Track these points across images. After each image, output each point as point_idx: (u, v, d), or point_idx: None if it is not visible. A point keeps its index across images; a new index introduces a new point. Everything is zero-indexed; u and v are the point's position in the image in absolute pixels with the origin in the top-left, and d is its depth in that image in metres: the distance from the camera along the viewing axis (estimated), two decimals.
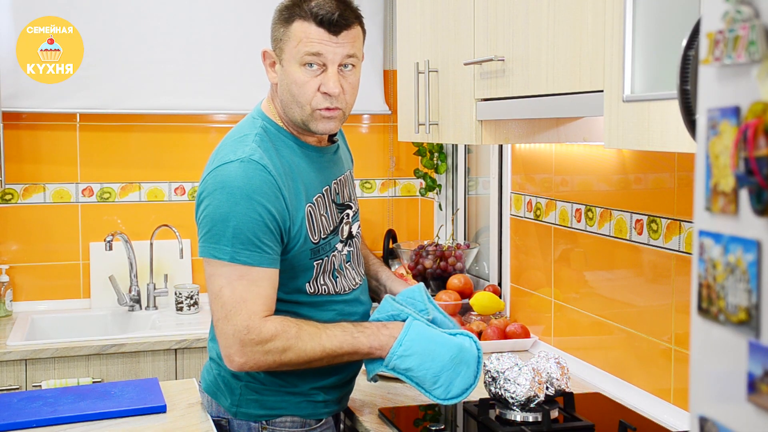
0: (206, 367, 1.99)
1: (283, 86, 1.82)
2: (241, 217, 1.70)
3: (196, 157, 3.53)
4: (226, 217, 1.71)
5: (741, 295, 0.81)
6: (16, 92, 3.23)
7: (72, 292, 3.43)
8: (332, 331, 1.77)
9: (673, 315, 2.05)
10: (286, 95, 1.82)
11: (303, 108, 1.81)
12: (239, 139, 1.81)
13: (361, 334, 1.79)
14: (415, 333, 1.79)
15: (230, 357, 1.73)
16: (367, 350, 1.78)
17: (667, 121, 1.38)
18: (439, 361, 1.78)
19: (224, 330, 1.72)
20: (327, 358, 1.76)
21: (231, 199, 1.71)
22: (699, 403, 0.90)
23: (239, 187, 1.71)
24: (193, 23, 3.41)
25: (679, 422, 2.00)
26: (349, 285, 1.92)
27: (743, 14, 0.80)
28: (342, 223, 1.92)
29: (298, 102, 1.80)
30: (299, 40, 1.77)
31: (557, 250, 2.57)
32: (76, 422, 1.90)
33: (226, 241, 1.71)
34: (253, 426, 1.88)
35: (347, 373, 1.95)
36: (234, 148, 1.78)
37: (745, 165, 0.79)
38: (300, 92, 1.79)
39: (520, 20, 1.94)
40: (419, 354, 1.78)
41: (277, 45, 1.82)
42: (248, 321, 1.70)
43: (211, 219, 1.73)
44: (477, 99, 2.16)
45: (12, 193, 3.36)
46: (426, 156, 3.51)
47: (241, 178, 1.72)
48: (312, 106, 1.80)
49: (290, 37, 1.78)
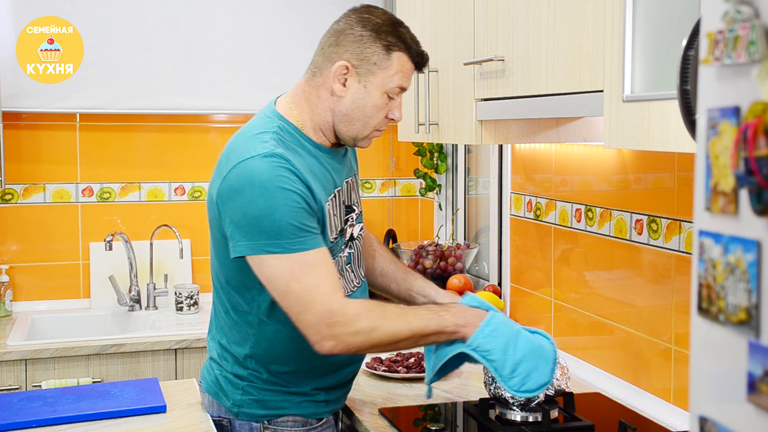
0: (206, 367, 1.99)
1: (354, 105, 1.81)
2: (281, 207, 1.68)
3: (196, 157, 3.53)
4: (267, 211, 1.68)
5: (741, 295, 0.81)
6: (16, 92, 3.23)
7: (72, 292, 3.43)
8: (418, 311, 1.77)
9: (673, 315, 2.05)
10: (354, 113, 1.81)
11: (366, 128, 1.83)
12: (255, 136, 1.78)
13: (447, 312, 1.76)
14: (500, 319, 1.76)
15: (320, 343, 1.69)
16: (453, 328, 1.74)
17: (667, 121, 1.38)
18: (520, 350, 1.73)
19: (308, 321, 1.69)
20: (414, 337, 1.73)
21: (265, 194, 1.68)
22: (699, 403, 0.90)
23: (269, 180, 1.69)
24: (192, 23, 3.41)
25: (679, 422, 2.00)
26: (349, 287, 1.92)
27: (743, 14, 0.80)
28: (346, 224, 1.92)
29: (366, 123, 1.82)
30: (396, 72, 1.80)
31: (557, 250, 2.57)
32: (76, 422, 1.89)
33: (276, 235, 1.68)
34: (254, 426, 1.88)
35: (348, 373, 1.96)
36: (252, 145, 1.75)
37: (745, 165, 0.79)
38: (374, 115, 1.82)
39: (520, 20, 1.94)
40: (504, 338, 1.73)
41: (365, 65, 1.79)
42: (328, 304, 1.68)
43: (251, 216, 1.69)
44: (477, 99, 2.16)
45: (12, 193, 3.36)
46: (426, 156, 3.51)
47: (267, 171, 1.69)
48: (374, 127, 1.84)
49: (388, 66, 1.79)
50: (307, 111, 1.84)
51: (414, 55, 1.82)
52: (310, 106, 1.84)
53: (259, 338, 1.84)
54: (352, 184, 1.97)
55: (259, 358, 1.86)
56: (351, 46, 1.79)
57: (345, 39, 1.80)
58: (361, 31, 1.79)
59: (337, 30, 1.82)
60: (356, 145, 1.88)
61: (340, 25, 1.82)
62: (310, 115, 1.84)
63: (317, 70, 1.84)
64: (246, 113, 3.54)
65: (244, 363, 1.87)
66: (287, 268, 1.69)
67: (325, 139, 1.86)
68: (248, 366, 1.87)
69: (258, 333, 1.84)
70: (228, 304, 1.87)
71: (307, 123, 1.84)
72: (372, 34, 1.78)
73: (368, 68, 1.79)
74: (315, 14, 3.52)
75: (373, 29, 1.79)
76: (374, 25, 1.79)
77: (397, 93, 1.83)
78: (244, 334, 1.86)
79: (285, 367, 1.85)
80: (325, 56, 1.83)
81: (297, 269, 1.69)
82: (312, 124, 1.84)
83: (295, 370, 1.86)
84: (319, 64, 1.84)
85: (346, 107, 1.81)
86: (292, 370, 1.86)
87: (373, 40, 1.78)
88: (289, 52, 3.50)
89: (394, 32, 1.80)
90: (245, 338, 1.86)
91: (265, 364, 1.86)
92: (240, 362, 1.88)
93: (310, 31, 3.52)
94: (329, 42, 1.82)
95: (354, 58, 1.79)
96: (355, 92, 1.80)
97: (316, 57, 1.86)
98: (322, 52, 1.84)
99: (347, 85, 1.80)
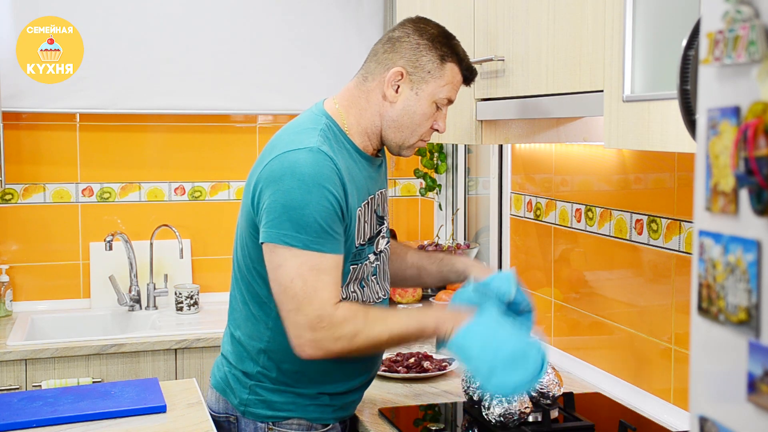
0: (217, 363, 2.00)
1: (405, 111, 1.83)
2: (315, 205, 1.69)
3: (196, 157, 3.53)
4: (300, 204, 1.69)
5: (741, 295, 0.81)
6: (16, 92, 3.23)
7: (72, 292, 3.43)
8: (398, 314, 1.79)
9: (673, 315, 2.05)
10: (403, 119, 1.84)
11: (413, 136, 1.86)
12: (304, 130, 1.80)
13: (426, 314, 1.78)
14: (484, 319, 1.73)
15: (301, 347, 1.72)
16: (434, 326, 1.74)
17: (667, 121, 1.38)
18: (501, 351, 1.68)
19: (296, 321, 1.71)
20: (395, 339, 1.75)
21: (303, 187, 1.70)
22: (699, 403, 0.90)
23: (310, 174, 1.70)
24: (192, 23, 3.41)
25: (679, 422, 2.00)
26: (372, 298, 1.92)
27: (743, 14, 0.80)
28: (378, 235, 1.93)
29: (414, 131, 1.85)
30: (447, 82, 1.83)
31: (557, 250, 2.57)
32: (76, 422, 1.89)
33: (301, 228, 1.69)
34: (259, 426, 1.89)
35: (359, 382, 1.95)
36: (299, 138, 1.77)
37: (745, 165, 0.79)
38: (422, 123, 1.85)
39: (520, 20, 1.94)
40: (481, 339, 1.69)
41: (419, 73, 1.82)
42: (321, 310, 1.70)
43: (282, 205, 1.70)
44: (477, 99, 2.16)
45: (12, 193, 3.36)
46: (426, 156, 3.51)
47: (310, 165, 1.71)
48: (420, 137, 1.87)
49: (440, 76, 1.83)
50: (354, 115, 1.86)
51: (464, 68, 1.86)
52: (359, 110, 1.86)
53: (275, 332, 1.84)
54: (384, 196, 1.99)
55: (272, 354, 1.86)
56: (407, 53, 1.83)
57: (401, 46, 1.83)
58: (418, 40, 1.83)
59: (392, 38, 1.86)
60: (400, 154, 1.90)
61: (396, 33, 1.86)
62: (358, 119, 1.86)
63: (369, 75, 1.87)
64: (246, 113, 3.55)
65: (257, 358, 1.87)
66: (297, 264, 1.70)
67: (368, 144, 1.88)
68: (259, 362, 1.87)
69: (275, 327, 1.84)
70: (247, 295, 1.88)
71: (353, 127, 1.86)
72: (428, 43, 1.82)
73: (422, 76, 1.82)
74: (315, 15, 3.53)
75: (430, 39, 1.83)
76: (430, 35, 1.83)
77: (444, 104, 1.86)
78: (261, 326, 1.86)
79: (296, 366, 1.85)
80: (378, 62, 1.85)
81: (306, 269, 1.70)
82: (359, 128, 1.86)
83: (305, 370, 1.86)
84: (371, 69, 1.87)
85: (396, 113, 1.84)
86: (303, 369, 1.86)
87: (428, 49, 1.82)
88: (289, 52, 3.50)
89: (448, 44, 1.84)
90: (261, 332, 1.86)
91: (277, 361, 1.86)
92: (252, 357, 1.88)
93: (310, 31, 3.53)
94: (384, 49, 1.86)
95: (409, 65, 1.82)
96: (407, 99, 1.83)
97: (368, 63, 1.88)
98: (376, 58, 1.86)
99: (399, 92, 1.83)
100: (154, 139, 3.51)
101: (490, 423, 1.89)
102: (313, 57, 3.53)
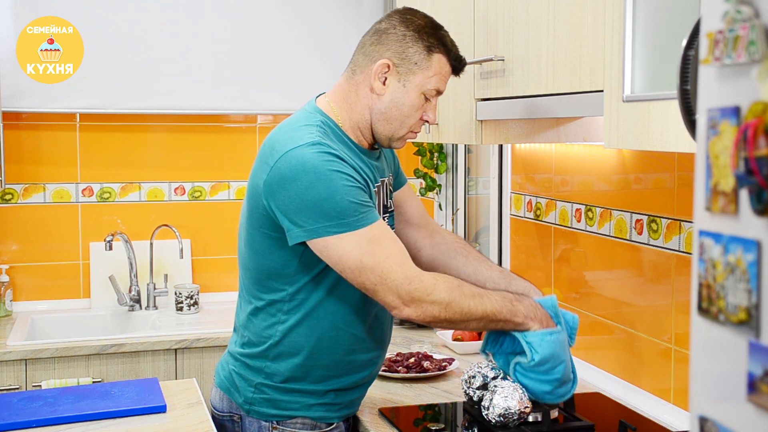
0: (222, 362, 2.00)
1: (393, 103, 1.84)
2: (340, 189, 1.70)
3: (196, 156, 3.53)
4: (327, 194, 1.70)
5: (741, 295, 0.81)
6: (16, 92, 3.23)
7: (72, 292, 3.43)
8: (493, 295, 1.80)
9: (673, 315, 2.05)
10: (392, 111, 1.84)
11: (402, 128, 1.86)
12: (300, 127, 1.80)
13: (520, 303, 1.81)
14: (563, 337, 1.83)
15: (400, 308, 1.73)
16: (522, 320, 1.79)
17: (667, 121, 1.38)
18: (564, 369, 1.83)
19: (387, 289, 1.72)
20: (485, 319, 1.77)
21: (321, 177, 1.70)
22: (699, 403, 0.90)
23: (321, 164, 1.71)
24: (193, 23, 3.41)
25: (679, 422, 2.00)
26: None
27: (743, 14, 0.80)
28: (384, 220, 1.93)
29: (402, 123, 1.85)
30: (435, 73, 1.83)
31: (557, 250, 2.57)
32: (76, 422, 1.90)
33: (340, 215, 1.70)
34: (263, 425, 1.89)
35: (365, 376, 1.95)
36: (297, 135, 1.77)
37: (745, 165, 0.79)
38: (411, 115, 1.85)
39: (520, 20, 1.94)
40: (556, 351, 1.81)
41: (406, 65, 1.82)
42: (404, 272, 1.72)
43: (310, 201, 1.71)
44: (477, 99, 2.16)
45: (12, 193, 3.36)
46: (426, 156, 3.51)
47: (318, 157, 1.72)
48: (410, 128, 1.87)
49: (427, 67, 1.82)
50: (346, 109, 1.87)
51: (452, 58, 1.85)
52: (349, 105, 1.87)
53: (283, 330, 1.84)
54: (388, 184, 1.99)
55: (279, 351, 1.86)
56: (393, 45, 1.82)
57: (387, 38, 1.83)
58: (404, 31, 1.82)
59: (379, 29, 1.85)
60: (391, 146, 1.91)
61: (383, 25, 1.85)
62: (349, 113, 1.87)
63: (357, 69, 1.87)
64: (246, 113, 3.55)
65: (264, 354, 1.87)
66: (356, 244, 1.71)
67: (362, 138, 1.88)
68: (267, 359, 1.87)
69: (283, 324, 1.84)
70: (255, 294, 1.88)
71: (346, 121, 1.87)
72: (414, 34, 1.82)
73: (409, 67, 1.82)
74: (315, 15, 3.53)
75: (416, 30, 1.82)
76: (417, 26, 1.83)
77: (433, 95, 1.86)
78: (268, 324, 1.86)
79: (304, 360, 1.85)
80: (366, 55, 1.85)
81: (365, 244, 1.72)
82: (351, 123, 1.87)
83: (313, 365, 1.86)
84: (359, 62, 1.87)
85: (384, 105, 1.84)
86: (311, 364, 1.86)
87: (415, 40, 1.82)
88: (288, 52, 3.50)
89: (435, 34, 1.83)
90: (268, 329, 1.86)
91: (284, 358, 1.86)
92: (258, 355, 1.88)
93: (310, 31, 3.53)
94: (371, 41, 1.85)
95: (396, 56, 1.82)
96: (394, 91, 1.83)
97: (356, 56, 1.89)
98: (363, 51, 1.86)
99: (387, 84, 1.83)
100: (154, 139, 3.51)
101: (490, 423, 1.88)
102: (313, 57, 3.53)
